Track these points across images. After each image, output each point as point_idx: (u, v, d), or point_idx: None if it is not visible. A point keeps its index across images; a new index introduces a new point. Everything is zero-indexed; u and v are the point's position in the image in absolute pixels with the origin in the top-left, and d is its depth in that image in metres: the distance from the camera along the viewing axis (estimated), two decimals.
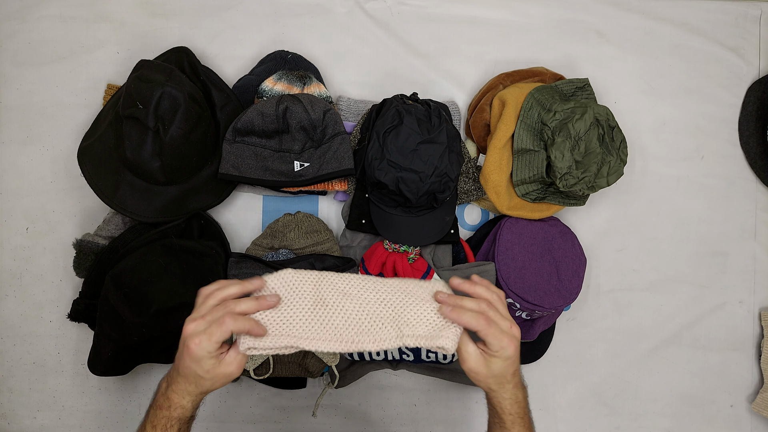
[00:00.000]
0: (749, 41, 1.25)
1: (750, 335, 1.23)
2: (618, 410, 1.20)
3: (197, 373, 0.67)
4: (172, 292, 0.95)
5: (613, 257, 1.21)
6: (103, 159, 1.03)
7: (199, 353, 0.66)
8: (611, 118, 1.05)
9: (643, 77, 1.23)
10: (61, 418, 1.12)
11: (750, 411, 1.22)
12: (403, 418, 1.15)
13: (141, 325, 0.92)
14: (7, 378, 1.12)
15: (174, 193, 1.05)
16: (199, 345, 0.65)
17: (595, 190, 1.05)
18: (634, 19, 1.23)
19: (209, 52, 1.16)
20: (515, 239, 1.09)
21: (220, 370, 0.68)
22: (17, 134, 1.13)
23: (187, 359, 0.67)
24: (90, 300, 1.02)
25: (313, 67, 1.14)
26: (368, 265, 1.07)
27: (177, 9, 1.16)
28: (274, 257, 1.06)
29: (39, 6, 1.14)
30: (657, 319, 1.21)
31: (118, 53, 1.15)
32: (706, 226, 1.23)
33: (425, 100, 1.09)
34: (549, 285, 1.07)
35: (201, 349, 0.66)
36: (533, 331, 1.10)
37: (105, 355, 0.96)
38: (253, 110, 1.03)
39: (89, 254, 1.03)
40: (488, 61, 1.20)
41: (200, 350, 0.66)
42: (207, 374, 0.68)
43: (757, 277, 1.24)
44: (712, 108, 1.24)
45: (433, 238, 1.07)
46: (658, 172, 1.23)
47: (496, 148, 1.08)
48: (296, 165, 1.05)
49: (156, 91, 0.95)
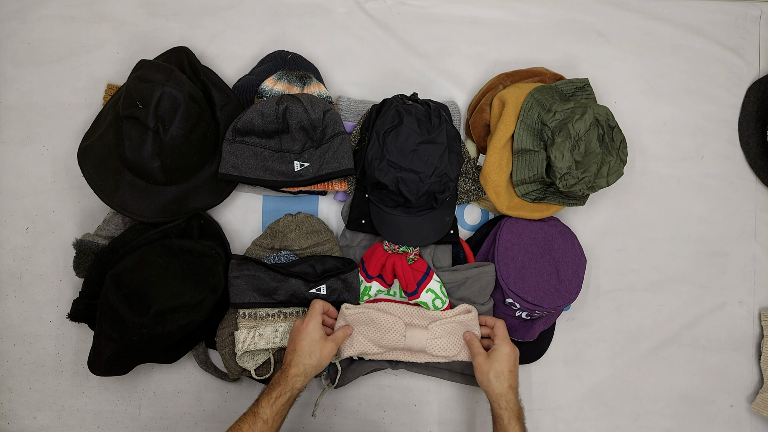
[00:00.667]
0: (749, 41, 1.25)
1: (750, 335, 1.23)
2: (618, 410, 1.20)
3: (311, 346, 0.96)
4: (172, 292, 0.95)
5: (613, 257, 1.21)
6: (103, 159, 1.03)
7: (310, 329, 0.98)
8: (611, 118, 1.05)
9: (643, 77, 1.23)
10: (61, 418, 1.12)
11: (750, 411, 1.22)
12: (403, 418, 1.15)
13: (141, 325, 0.92)
14: (7, 378, 1.12)
15: (174, 193, 1.05)
16: (309, 324, 0.98)
17: (595, 190, 1.05)
18: (634, 19, 1.23)
19: (209, 52, 1.16)
20: (515, 239, 1.09)
21: (325, 348, 0.98)
22: (17, 134, 1.13)
23: (304, 335, 0.97)
24: (90, 300, 1.02)
25: (313, 67, 1.14)
26: (368, 266, 1.07)
27: (177, 9, 1.16)
28: (275, 259, 1.06)
29: (39, 6, 1.14)
30: (657, 319, 1.21)
31: (118, 53, 1.15)
32: (706, 226, 1.23)
33: (425, 100, 1.09)
34: (549, 285, 1.07)
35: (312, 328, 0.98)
36: (533, 331, 1.10)
37: (105, 355, 0.96)
38: (253, 110, 1.03)
39: (89, 254, 1.03)
40: (488, 61, 1.20)
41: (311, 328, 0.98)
42: (316, 345, 0.97)
43: (756, 277, 1.24)
44: (712, 108, 1.24)
45: (433, 238, 1.07)
46: (658, 172, 1.23)
47: (496, 148, 1.08)
48: (296, 165, 1.05)
49: (156, 91, 0.95)
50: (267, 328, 1.03)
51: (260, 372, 1.06)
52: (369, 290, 1.08)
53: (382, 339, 1.03)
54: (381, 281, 1.09)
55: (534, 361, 1.16)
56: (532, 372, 1.18)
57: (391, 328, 1.03)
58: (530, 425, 1.17)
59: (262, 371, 1.06)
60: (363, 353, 1.05)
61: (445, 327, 1.04)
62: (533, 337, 1.11)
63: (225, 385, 1.13)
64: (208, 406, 1.13)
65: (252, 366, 1.04)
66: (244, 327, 1.03)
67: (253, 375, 1.04)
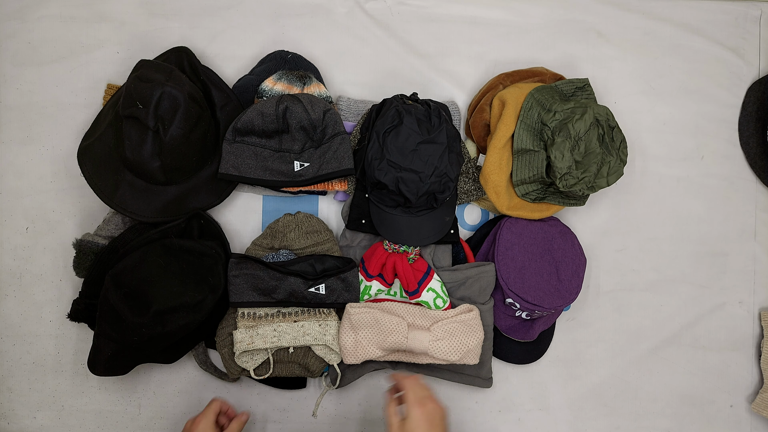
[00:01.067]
0: (749, 41, 1.25)
1: (750, 335, 1.23)
2: (618, 410, 1.20)
3: None
4: (172, 292, 0.95)
5: (613, 257, 1.21)
6: (103, 159, 1.03)
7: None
8: (611, 118, 1.05)
9: (643, 77, 1.23)
10: (61, 418, 1.12)
11: (750, 411, 1.22)
12: None
13: (141, 325, 0.92)
14: (7, 378, 1.12)
15: (174, 193, 1.05)
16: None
17: (595, 190, 1.05)
18: (634, 19, 1.23)
19: (209, 52, 1.16)
20: (515, 239, 1.09)
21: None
22: (17, 134, 1.13)
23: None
24: (90, 300, 1.02)
25: (313, 67, 1.14)
26: (368, 266, 1.07)
27: (177, 9, 1.16)
28: (274, 258, 1.06)
29: (39, 6, 1.14)
30: (657, 319, 1.21)
31: (118, 53, 1.15)
32: (706, 226, 1.23)
33: (425, 100, 1.09)
34: (549, 285, 1.07)
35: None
36: (533, 331, 1.10)
37: (105, 355, 0.96)
38: (253, 110, 1.03)
39: (89, 254, 1.03)
40: (488, 61, 1.20)
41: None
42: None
43: (756, 277, 1.24)
44: (712, 108, 1.24)
45: (433, 238, 1.07)
46: (658, 172, 1.23)
47: (496, 148, 1.08)
48: (296, 165, 1.05)
49: (156, 90, 0.95)
50: (265, 328, 1.03)
51: (259, 372, 1.06)
52: (369, 289, 1.08)
53: (385, 341, 1.03)
54: (381, 281, 1.09)
55: (534, 361, 1.16)
56: (532, 372, 1.18)
57: (394, 329, 1.03)
58: (530, 425, 1.18)
59: (261, 371, 1.06)
60: (367, 359, 1.05)
61: (447, 328, 1.04)
62: (533, 337, 1.11)
63: (225, 385, 1.13)
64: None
65: (251, 366, 1.04)
66: (242, 327, 1.03)
67: (252, 375, 1.04)
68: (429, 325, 1.05)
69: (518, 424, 1.17)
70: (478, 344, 1.05)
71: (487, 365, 1.12)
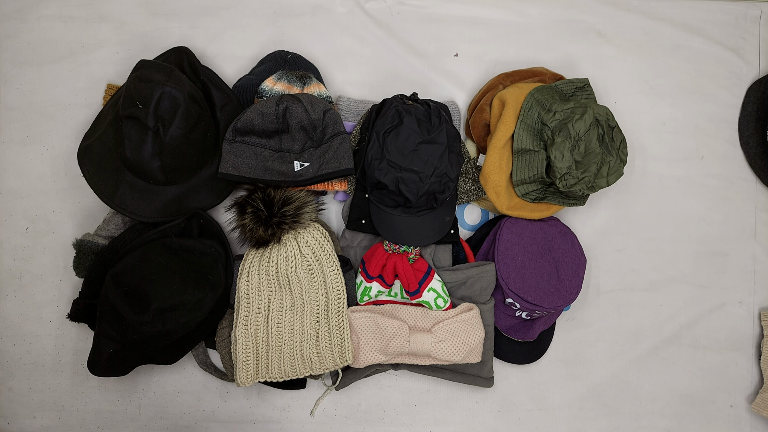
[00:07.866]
0: (749, 41, 1.25)
1: (750, 335, 1.23)
2: (618, 410, 1.20)
3: None
4: (172, 290, 0.95)
5: (613, 257, 1.21)
6: (103, 159, 1.03)
7: None
8: (611, 118, 1.05)
9: (643, 77, 1.23)
10: (61, 418, 1.12)
11: (750, 411, 1.22)
12: (403, 418, 1.15)
13: (141, 323, 0.92)
14: (7, 378, 1.12)
15: (174, 192, 1.05)
16: None
17: (594, 190, 1.05)
18: (634, 19, 1.23)
19: (209, 52, 1.16)
20: (515, 239, 1.09)
21: None
22: (17, 134, 1.13)
23: None
24: (90, 300, 1.02)
25: (313, 67, 1.14)
26: (368, 267, 1.07)
27: (177, 9, 1.16)
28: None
29: (39, 6, 1.14)
30: (657, 319, 1.21)
31: (118, 53, 1.15)
32: (705, 226, 1.23)
33: (425, 100, 1.09)
34: (549, 285, 1.07)
35: None
36: (533, 331, 1.10)
37: (105, 355, 0.96)
38: (253, 110, 1.03)
39: (89, 254, 1.03)
40: (488, 61, 1.20)
41: None
42: None
43: (756, 277, 1.24)
44: (712, 108, 1.24)
45: (433, 238, 1.07)
46: (658, 172, 1.23)
47: (496, 148, 1.08)
48: (296, 165, 1.05)
49: (156, 90, 0.95)
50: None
51: None
52: (369, 291, 1.08)
53: (387, 345, 1.03)
54: (381, 282, 1.08)
55: (534, 361, 1.16)
56: (532, 372, 1.18)
57: (395, 333, 1.03)
58: (530, 425, 1.18)
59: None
60: (369, 364, 1.05)
61: (448, 328, 1.04)
62: (533, 337, 1.11)
63: (225, 385, 1.13)
64: (208, 406, 1.13)
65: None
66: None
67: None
68: (430, 327, 1.05)
69: (518, 424, 1.17)
70: (479, 342, 1.05)
71: (488, 365, 1.12)
